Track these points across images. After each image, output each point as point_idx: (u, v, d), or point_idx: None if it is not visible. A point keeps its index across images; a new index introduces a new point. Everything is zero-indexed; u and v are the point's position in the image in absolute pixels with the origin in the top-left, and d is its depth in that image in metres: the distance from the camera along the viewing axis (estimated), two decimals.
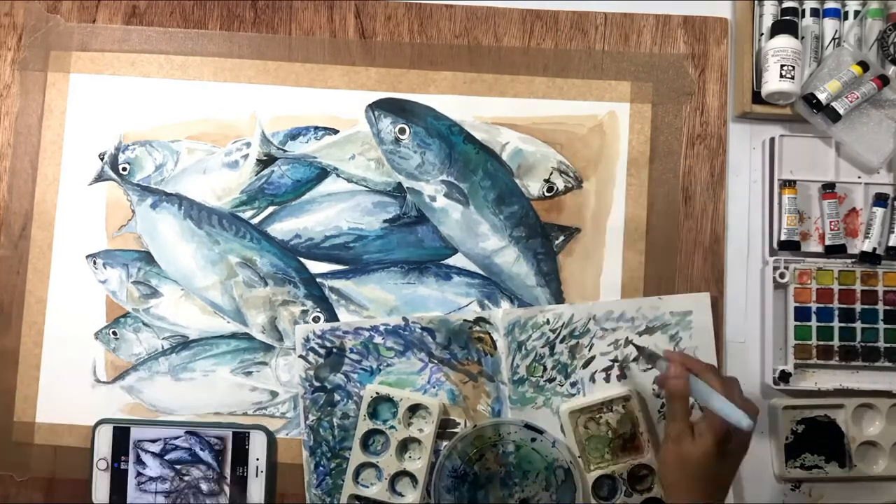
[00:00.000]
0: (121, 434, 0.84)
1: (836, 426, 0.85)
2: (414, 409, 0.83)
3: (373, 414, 0.83)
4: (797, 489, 0.85)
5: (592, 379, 0.83)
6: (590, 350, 0.84)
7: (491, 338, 0.83)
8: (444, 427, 0.83)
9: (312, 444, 0.84)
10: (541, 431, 0.82)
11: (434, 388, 0.84)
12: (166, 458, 0.84)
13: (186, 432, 0.84)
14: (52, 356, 0.86)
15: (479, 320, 0.83)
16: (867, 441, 0.84)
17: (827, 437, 0.85)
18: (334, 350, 0.84)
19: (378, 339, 0.84)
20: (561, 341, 0.83)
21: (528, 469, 0.82)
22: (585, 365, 0.84)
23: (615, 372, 0.84)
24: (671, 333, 0.84)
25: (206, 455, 0.84)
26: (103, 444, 0.84)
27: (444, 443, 0.82)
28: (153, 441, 0.84)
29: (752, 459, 0.84)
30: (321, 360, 0.84)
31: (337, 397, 0.84)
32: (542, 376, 0.83)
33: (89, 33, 0.87)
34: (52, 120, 0.87)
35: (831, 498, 0.85)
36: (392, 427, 0.82)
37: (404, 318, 0.84)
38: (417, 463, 0.82)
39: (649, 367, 0.82)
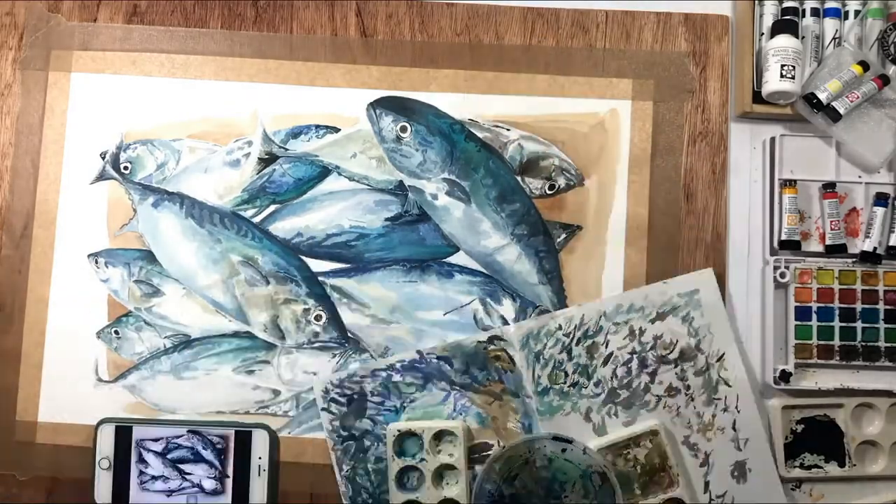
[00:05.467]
0: (123, 433, 0.84)
1: (835, 425, 0.85)
2: (439, 436, 0.82)
3: (400, 452, 0.82)
4: (798, 489, 0.85)
5: (615, 374, 0.83)
6: (606, 347, 0.84)
7: (507, 354, 0.83)
8: (479, 451, 0.83)
9: (352, 493, 0.83)
10: (570, 441, 0.81)
11: (461, 414, 0.84)
12: (168, 457, 0.84)
13: (189, 431, 0.84)
14: (54, 355, 0.86)
15: (493, 339, 0.83)
16: (866, 440, 0.85)
17: (826, 437, 0.85)
18: (355, 396, 0.84)
19: (396, 378, 0.84)
20: (577, 344, 0.83)
21: (564, 480, 0.82)
22: (605, 362, 0.84)
23: (634, 363, 0.83)
24: (682, 315, 0.84)
25: (208, 454, 0.84)
26: (106, 444, 0.84)
27: (480, 467, 0.82)
28: (155, 440, 0.84)
29: (753, 460, 0.84)
30: (344, 409, 0.84)
31: (367, 443, 0.83)
32: (564, 382, 0.83)
33: (90, 32, 0.87)
34: (54, 119, 0.87)
35: (832, 498, 0.85)
36: (422, 460, 0.82)
37: (418, 352, 0.84)
38: (455, 489, 0.82)
39: None
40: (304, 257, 0.86)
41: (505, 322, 0.85)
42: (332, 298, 0.86)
